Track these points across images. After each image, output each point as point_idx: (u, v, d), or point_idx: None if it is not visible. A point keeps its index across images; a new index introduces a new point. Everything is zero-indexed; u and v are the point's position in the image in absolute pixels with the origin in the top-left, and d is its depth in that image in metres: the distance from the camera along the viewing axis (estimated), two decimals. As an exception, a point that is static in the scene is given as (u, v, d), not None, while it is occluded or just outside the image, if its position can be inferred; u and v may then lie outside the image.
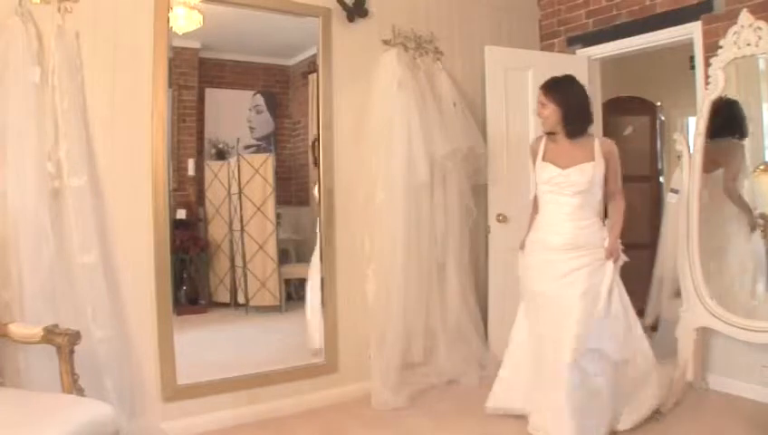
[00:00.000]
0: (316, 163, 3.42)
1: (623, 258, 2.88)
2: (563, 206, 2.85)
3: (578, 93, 2.89)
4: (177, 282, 3.45)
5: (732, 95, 3.32)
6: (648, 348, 2.92)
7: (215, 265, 4.04)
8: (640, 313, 4.83)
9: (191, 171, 3.77)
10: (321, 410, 3.24)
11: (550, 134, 2.94)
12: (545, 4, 4.38)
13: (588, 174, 2.80)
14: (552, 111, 2.85)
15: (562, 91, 2.86)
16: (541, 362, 2.87)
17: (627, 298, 2.90)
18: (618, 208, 2.94)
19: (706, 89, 3.26)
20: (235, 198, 3.96)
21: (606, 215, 3.04)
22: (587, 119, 2.89)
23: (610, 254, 2.82)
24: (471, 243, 3.81)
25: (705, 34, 3.44)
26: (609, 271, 2.81)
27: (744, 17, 3.07)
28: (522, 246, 3.04)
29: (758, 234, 3.27)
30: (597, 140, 2.91)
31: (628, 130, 4.94)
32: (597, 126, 4.24)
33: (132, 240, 2.84)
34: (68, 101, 2.60)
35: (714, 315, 3.14)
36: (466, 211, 3.72)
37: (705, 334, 3.33)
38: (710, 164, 3.33)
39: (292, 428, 3.04)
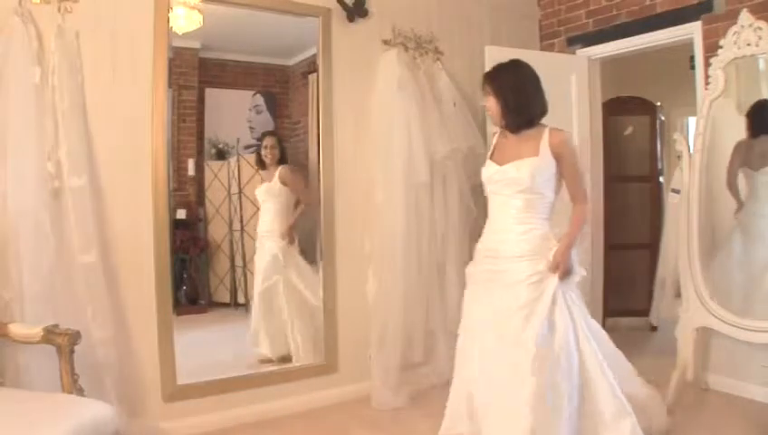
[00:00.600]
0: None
1: (580, 273, 2.44)
2: (507, 208, 2.47)
3: (520, 80, 2.48)
4: (177, 282, 3.44)
5: (731, 95, 3.32)
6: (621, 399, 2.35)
7: (215, 265, 4.04)
8: (641, 313, 4.90)
9: (191, 171, 3.76)
10: (320, 410, 3.24)
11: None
12: (545, 4, 4.37)
13: (526, 170, 2.40)
14: (492, 102, 2.49)
15: (500, 79, 2.50)
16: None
17: (597, 327, 2.50)
18: (576, 214, 2.51)
19: (706, 89, 3.26)
20: (235, 198, 3.96)
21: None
22: (531, 109, 2.46)
23: (555, 267, 2.36)
24: (471, 243, 3.80)
25: (705, 34, 3.44)
26: (549, 291, 2.36)
27: (744, 17, 3.06)
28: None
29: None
30: (547, 131, 2.47)
31: (629, 130, 4.94)
32: (597, 126, 4.29)
33: (132, 240, 2.84)
34: (68, 101, 2.60)
35: (714, 315, 3.14)
36: (466, 211, 3.71)
37: (705, 334, 3.32)
38: (759, 160, 3.28)
39: (292, 428, 3.04)
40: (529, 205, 2.43)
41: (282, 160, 3.76)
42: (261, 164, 3.78)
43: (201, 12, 3.21)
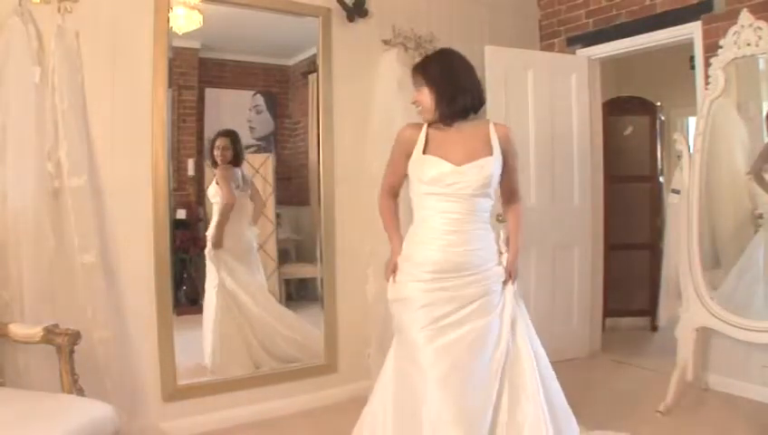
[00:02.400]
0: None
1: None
2: (452, 213, 2.17)
3: (451, 67, 2.27)
4: (177, 282, 3.44)
5: (731, 95, 3.32)
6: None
7: (215, 266, 4.03)
8: (641, 313, 4.90)
9: (191, 171, 3.76)
10: (320, 410, 3.24)
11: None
12: (545, 4, 4.37)
13: (487, 171, 2.18)
14: (424, 94, 2.24)
15: (431, 68, 2.27)
16: None
17: (542, 353, 2.26)
18: (516, 214, 2.37)
19: (706, 89, 3.26)
20: (234, 197, 3.96)
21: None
22: (466, 98, 2.22)
23: (512, 272, 2.25)
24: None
25: (705, 34, 3.44)
26: (509, 302, 2.22)
27: (745, 17, 3.06)
28: (391, 271, 2.28)
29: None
30: (492, 124, 2.27)
31: (628, 130, 4.94)
32: (597, 126, 4.29)
33: (132, 240, 2.84)
34: (68, 101, 2.60)
35: (714, 315, 3.14)
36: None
37: (705, 334, 3.32)
38: None
39: (292, 428, 3.04)
40: (480, 208, 2.22)
41: (236, 161, 3.71)
42: (214, 164, 3.70)
43: (201, 12, 3.21)
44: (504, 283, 2.24)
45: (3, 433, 1.83)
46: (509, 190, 2.37)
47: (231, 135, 3.74)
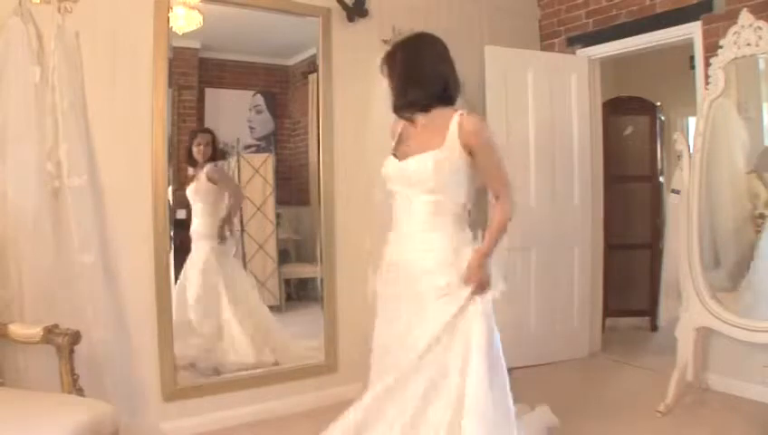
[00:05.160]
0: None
1: (498, 288, 2.06)
2: (414, 211, 2.08)
3: (416, 51, 2.08)
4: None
5: (731, 95, 3.32)
6: None
7: (214, 265, 4.03)
8: (641, 313, 4.89)
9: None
10: (321, 410, 3.23)
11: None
12: (545, 5, 4.37)
13: (427, 164, 2.01)
14: (392, 82, 2.12)
15: (395, 54, 2.12)
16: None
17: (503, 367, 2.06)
18: (497, 213, 2.12)
19: (706, 89, 3.26)
20: (234, 197, 3.96)
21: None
22: (427, 84, 2.06)
23: (469, 278, 2.01)
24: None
25: (705, 34, 3.44)
26: (477, 315, 1.99)
27: (745, 17, 3.06)
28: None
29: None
30: (456, 116, 2.05)
31: (629, 130, 4.94)
32: (597, 126, 4.28)
33: (132, 240, 2.84)
34: (68, 101, 2.60)
35: (714, 315, 3.14)
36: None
37: (705, 334, 3.32)
38: None
39: (292, 428, 3.04)
40: (438, 208, 2.05)
41: (213, 159, 3.69)
42: (192, 162, 3.67)
43: (201, 12, 3.21)
44: (465, 283, 2.02)
45: (3, 433, 1.83)
46: (491, 188, 2.16)
47: (210, 132, 3.75)
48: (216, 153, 3.73)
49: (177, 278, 3.27)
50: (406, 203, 2.10)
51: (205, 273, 3.60)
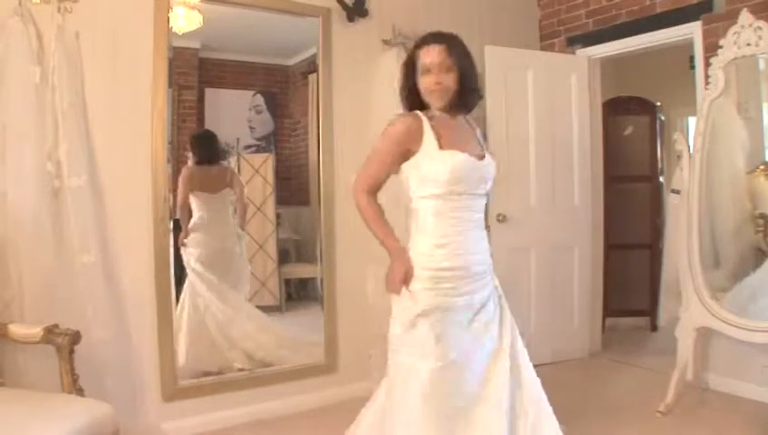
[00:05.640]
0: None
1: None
2: (474, 212, 2.04)
3: (468, 54, 2.08)
4: (178, 282, 3.44)
5: (731, 95, 3.32)
6: None
7: (214, 265, 4.03)
8: (641, 313, 4.89)
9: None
10: (320, 410, 3.24)
11: (423, 110, 2.07)
12: (545, 5, 4.37)
13: (494, 165, 2.10)
14: (453, 78, 2.00)
15: (459, 49, 2.04)
16: None
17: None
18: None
19: (706, 89, 3.26)
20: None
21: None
22: (478, 90, 2.11)
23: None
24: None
25: (705, 34, 3.44)
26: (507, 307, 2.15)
27: (745, 17, 3.06)
28: (402, 279, 2.08)
29: None
30: (471, 120, 2.18)
31: (629, 130, 4.94)
32: (597, 126, 4.29)
33: (132, 240, 2.84)
34: (68, 101, 2.60)
35: (714, 315, 3.14)
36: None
37: (705, 334, 3.32)
38: None
39: (292, 428, 3.04)
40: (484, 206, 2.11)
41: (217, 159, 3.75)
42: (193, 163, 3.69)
43: (201, 12, 3.21)
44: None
45: (3, 433, 1.83)
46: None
47: (212, 133, 3.77)
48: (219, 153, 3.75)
49: (176, 278, 3.27)
50: (469, 203, 2.02)
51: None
